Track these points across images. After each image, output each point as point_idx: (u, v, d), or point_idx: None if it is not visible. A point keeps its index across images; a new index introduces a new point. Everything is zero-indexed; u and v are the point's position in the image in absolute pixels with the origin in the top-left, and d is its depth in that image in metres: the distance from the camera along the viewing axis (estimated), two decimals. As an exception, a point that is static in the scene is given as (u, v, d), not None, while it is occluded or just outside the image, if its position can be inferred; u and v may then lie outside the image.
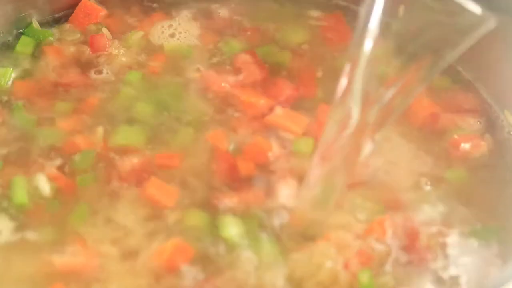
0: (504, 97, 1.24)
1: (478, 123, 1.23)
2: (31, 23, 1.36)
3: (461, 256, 1.07)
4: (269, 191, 1.13)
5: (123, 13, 1.39)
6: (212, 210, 1.10)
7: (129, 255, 1.06)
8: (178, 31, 1.37)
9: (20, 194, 1.12)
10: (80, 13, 1.37)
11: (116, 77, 1.29)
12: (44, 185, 1.13)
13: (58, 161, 1.17)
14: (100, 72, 1.30)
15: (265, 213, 1.10)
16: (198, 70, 1.30)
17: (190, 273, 1.04)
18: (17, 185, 1.13)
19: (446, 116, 1.23)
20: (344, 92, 0.96)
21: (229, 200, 1.11)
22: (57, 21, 1.38)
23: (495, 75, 1.24)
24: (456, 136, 1.20)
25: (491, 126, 1.23)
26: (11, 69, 1.29)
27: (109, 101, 1.25)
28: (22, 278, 1.04)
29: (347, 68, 0.95)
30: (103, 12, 1.39)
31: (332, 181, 1.06)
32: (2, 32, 1.34)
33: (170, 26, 1.37)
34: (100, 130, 1.20)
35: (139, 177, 1.14)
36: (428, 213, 1.11)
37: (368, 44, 0.92)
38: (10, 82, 1.27)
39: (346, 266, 1.01)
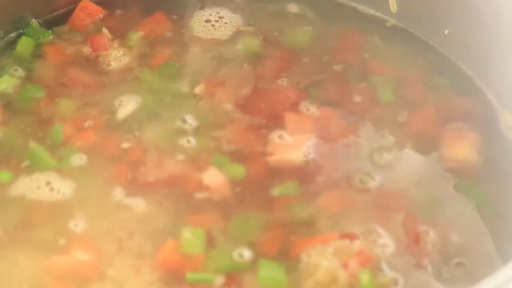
0: (505, 96, 1.23)
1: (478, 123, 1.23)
2: (31, 23, 1.36)
3: (462, 255, 1.06)
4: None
5: (123, 13, 1.40)
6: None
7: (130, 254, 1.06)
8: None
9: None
10: (80, 13, 1.38)
11: (117, 76, 1.29)
12: None
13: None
14: (100, 71, 1.30)
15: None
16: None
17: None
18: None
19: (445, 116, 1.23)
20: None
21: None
22: (57, 21, 1.38)
23: (496, 74, 1.24)
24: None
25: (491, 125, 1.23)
26: (17, 80, 1.29)
27: (109, 101, 1.25)
28: (23, 278, 1.04)
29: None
30: (103, 12, 1.39)
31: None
32: (2, 32, 1.35)
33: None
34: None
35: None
36: (428, 212, 1.10)
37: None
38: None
39: (345, 266, 1.00)
